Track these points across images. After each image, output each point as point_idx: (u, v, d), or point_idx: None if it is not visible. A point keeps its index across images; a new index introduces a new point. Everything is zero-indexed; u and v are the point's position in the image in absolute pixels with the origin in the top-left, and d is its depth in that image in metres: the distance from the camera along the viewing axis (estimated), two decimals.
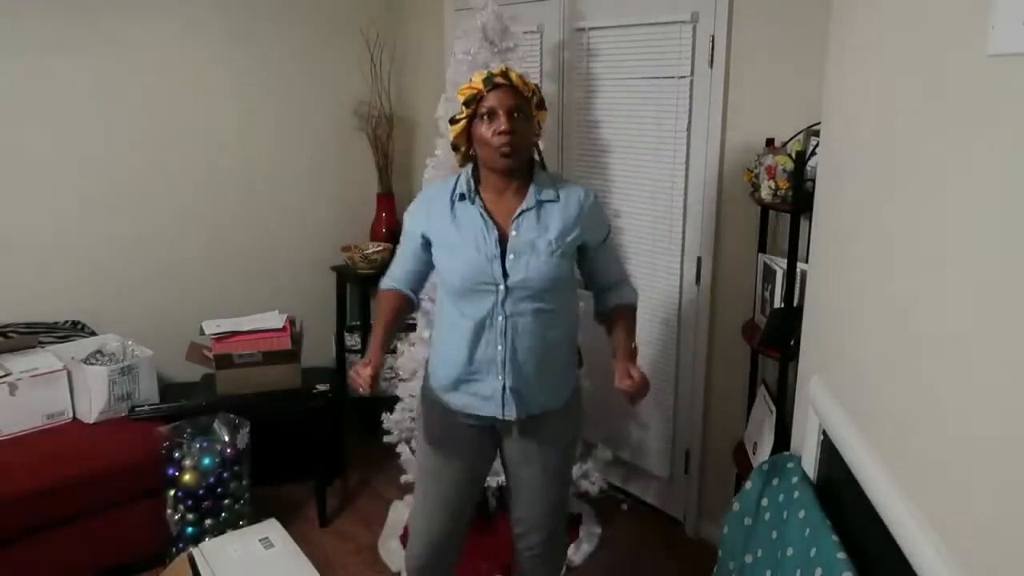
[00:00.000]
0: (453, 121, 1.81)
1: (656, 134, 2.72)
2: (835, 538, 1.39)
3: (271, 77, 3.50)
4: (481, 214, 1.80)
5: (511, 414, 1.85)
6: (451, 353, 1.85)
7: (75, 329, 3.05)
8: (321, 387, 3.00)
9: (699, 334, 2.76)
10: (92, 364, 2.74)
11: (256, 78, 3.45)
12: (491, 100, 1.73)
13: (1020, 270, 0.89)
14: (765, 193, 2.26)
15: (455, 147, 1.85)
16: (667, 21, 2.59)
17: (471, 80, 1.77)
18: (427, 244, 1.88)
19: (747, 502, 1.82)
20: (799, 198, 2.11)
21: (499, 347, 1.80)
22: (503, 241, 1.79)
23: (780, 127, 2.35)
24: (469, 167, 1.87)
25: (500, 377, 1.82)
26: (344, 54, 3.68)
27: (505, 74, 1.75)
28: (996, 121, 0.95)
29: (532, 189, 1.82)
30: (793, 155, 2.14)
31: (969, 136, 1.02)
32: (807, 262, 1.95)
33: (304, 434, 3.08)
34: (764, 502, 1.76)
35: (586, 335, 2.97)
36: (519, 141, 1.75)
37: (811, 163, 2.09)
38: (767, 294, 2.38)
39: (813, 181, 1.89)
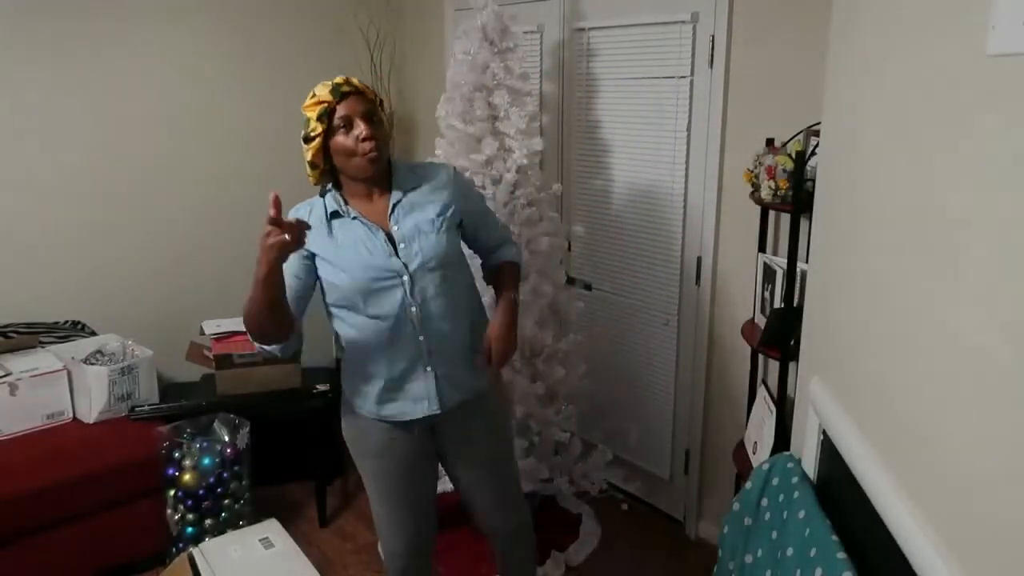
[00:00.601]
0: (307, 139, 1.73)
1: (656, 134, 2.72)
2: (835, 538, 1.39)
3: (271, 77, 3.50)
4: (361, 222, 1.78)
5: (449, 403, 1.87)
6: (372, 366, 1.83)
7: (75, 329, 3.05)
8: (321, 387, 3.01)
9: (699, 334, 2.76)
10: (92, 364, 2.74)
11: (256, 78, 3.45)
12: (344, 109, 1.70)
13: (1021, 270, 0.89)
14: (765, 193, 2.26)
15: (312, 165, 1.77)
16: (667, 21, 2.59)
17: (315, 93, 1.71)
18: (311, 263, 1.80)
19: (747, 502, 1.82)
20: (799, 198, 2.11)
21: (420, 338, 1.79)
22: (390, 240, 1.79)
23: (780, 127, 2.35)
24: (330, 186, 1.84)
25: (428, 369, 1.82)
26: (344, 54, 3.68)
27: (349, 81, 1.73)
28: (996, 121, 0.95)
29: (395, 182, 1.82)
30: (793, 155, 2.14)
31: (969, 136, 1.02)
32: (807, 262, 1.95)
33: (304, 434, 3.08)
34: (764, 502, 1.76)
35: (585, 336, 2.98)
36: (382, 145, 1.73)
37: (811, 163, 2.09)
38: (767, 294, 2.38)
39: (813, 181, 1.89)
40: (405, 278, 1.76)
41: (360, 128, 1.70)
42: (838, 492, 1.53)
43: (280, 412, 3.05)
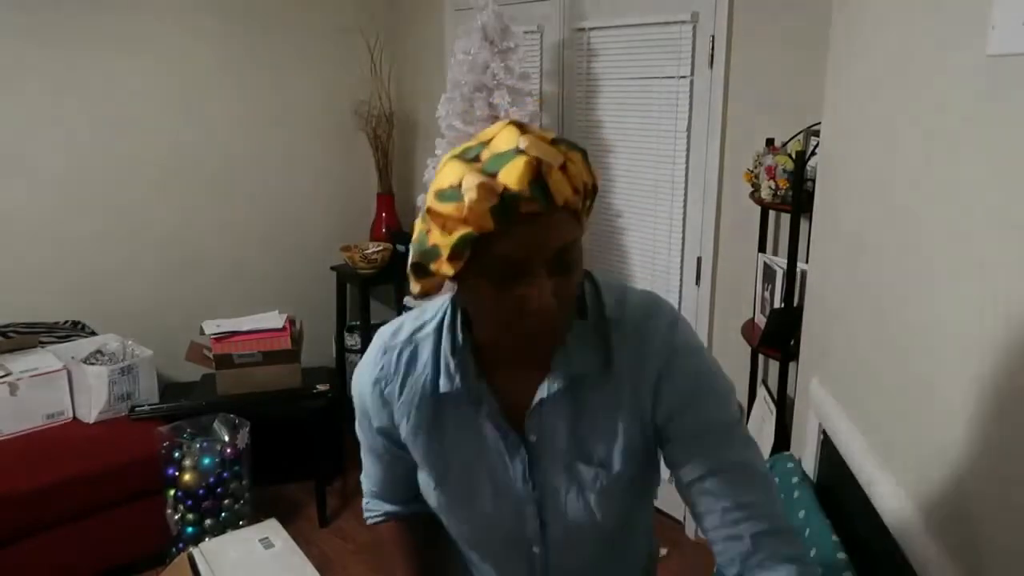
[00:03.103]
0: (422, 271, 0.89)
1: (656, 134, 2.72)
2: (835, 538, 1.39)
3: (271, 77, 3.50)
4: (496, 423, 1.00)
5: None
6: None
7: (75, 329, 3.05)
8: (321, 387, 3.00)
9: (699, 334, 2.75)
10: (92, 364, 2.74)
11: (256, 78, 3.45)
12: (512, 247, 0.84)
13: (1019, 271, 0.89)
14: (765, 193, 2.26)
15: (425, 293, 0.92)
16: (667, 21, 2.59)
17: (463, 195, 0.80)
18: (399, 446, 1.08)
19: None
20: (799, 198, 2.11)
21: None
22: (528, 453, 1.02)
23: (780, 127, 2.35)
24: (446, 318, 1.01)
25: None
26: (344, 54, 3.67)
27: (539, 183, 0.81)
28: (996, 121, 0.95)
29: (560, 356, 0.97)
30: (793, 155, 2.14)
31: (969, 136, 1.02)
32: (807, 262, 1.95)
33: (304, 434, 3.07)
34: None
35: None
36: (566, 306, 0.91)
37: (811, 163, 2.09)
38: (767, 294, 2.38)
39: (813, 181, 1.90)
40: (536, 549, 1.06)
41: (534, 288, 0.85)
42: (838, 492, 1.53)
43: (280, 412, 3.05)
